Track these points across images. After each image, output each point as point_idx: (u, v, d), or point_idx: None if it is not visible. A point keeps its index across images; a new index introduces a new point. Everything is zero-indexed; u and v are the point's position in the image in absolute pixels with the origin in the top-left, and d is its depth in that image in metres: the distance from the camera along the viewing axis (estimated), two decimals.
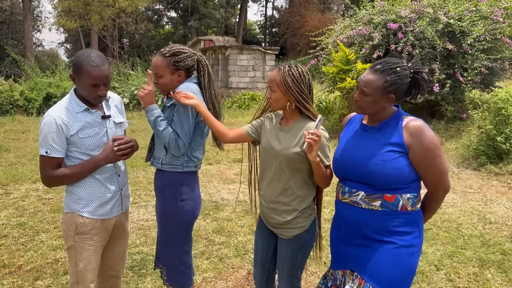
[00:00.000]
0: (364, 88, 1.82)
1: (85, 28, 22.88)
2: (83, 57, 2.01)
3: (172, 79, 2.22)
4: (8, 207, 5.03)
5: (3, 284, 3.20)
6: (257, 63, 17.25)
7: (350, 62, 9.62)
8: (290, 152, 2.03)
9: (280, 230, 2.15)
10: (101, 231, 2.20)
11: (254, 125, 2.27)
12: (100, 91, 2.05)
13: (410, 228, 1.83)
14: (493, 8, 8.46)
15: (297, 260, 2.17)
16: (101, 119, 2.16)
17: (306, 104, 2.06)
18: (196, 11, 30.18)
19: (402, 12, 9.24)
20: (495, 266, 3.46)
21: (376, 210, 1.83)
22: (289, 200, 2.08)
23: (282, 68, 2.05)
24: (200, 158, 2.36)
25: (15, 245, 3.92)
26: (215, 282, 3.22)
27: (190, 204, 2.29)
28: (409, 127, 1.80)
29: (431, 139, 1.78)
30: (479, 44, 8.19)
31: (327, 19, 28.12)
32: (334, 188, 5.65)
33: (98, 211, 2.17)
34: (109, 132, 2.19)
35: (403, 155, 1.79)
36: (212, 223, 4.44)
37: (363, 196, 1.85)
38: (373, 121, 1.94)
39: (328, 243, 3.86)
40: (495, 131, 6.58)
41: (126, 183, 2.36)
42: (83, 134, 2.08)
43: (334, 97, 11.11)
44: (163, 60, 2.20)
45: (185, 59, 2.21)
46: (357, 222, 1.89)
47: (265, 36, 40.54)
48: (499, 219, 4.55)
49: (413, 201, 1.83)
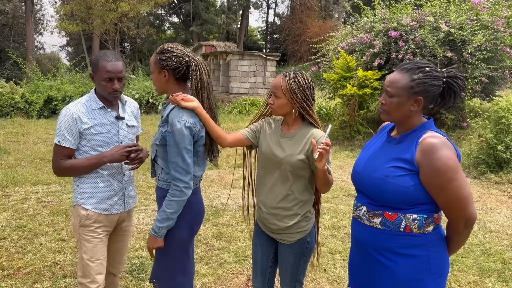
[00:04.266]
0: (388, 88, 1.66)
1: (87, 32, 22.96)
2: (100, 55, 2.22)
3: (159, 78, 2.13)
4: (8, 209, 5.01)
5: (1, 286, 3.18)
6: (258, 69, 17.29)
7: (351, 69, 9.66)
8: (295, 159, 2.02)
9: (281, 235, 2.14)
10: (104, 225, 2.31)
11: (252, 129, 2.25)
12: (115, 85, 2.18)
13: (415, 252, 1.62)
14: (494, 18, 8.51)
15: (300, 265, 2.17)
16: (115, 119, 2.29)
17: (309, 111, 2.07)
18: (197, 16, 30.31)
19: (404, 20, 9.30)
20: (496, 275, 3.45)
21: (377, 228, 1.68)
22: (291, 205, 2.07)
23: (288, 75, 2.04)
24: (198, 175, 2.22)
25: (14, 248, 3.91)
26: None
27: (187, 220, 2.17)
28: (423, 143, 1.59)
29: (445, 160, 1.54)
30: (479, 53, 8.23)
31: (328, 26, 28.27)
32: (334, 195, 5.67)
33: (100, 205, 2.27)
34: (121, 132, 2.32)
35: (411, 173, 1.60)
36: (211, 228, 4.43)
37: (365, 211, 1.73)
38: (398, 132, 1.75)
39: (327, 249, 3.87)
40: (496, 140, 6.58)
41: (131, 184, 2.44)
42: (96, 130, 2.22)
43: (334, 104, 11.13)
44: (154, 56, 2.15)
45: (170, 59, 2.08)
46: (360, 238, 1.78)
47: (266, 42, 40.69)
48: (500, 228, 4.54)
49: (421, 223, 1.62)
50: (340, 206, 5.23)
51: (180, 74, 2.12)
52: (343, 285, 3.24)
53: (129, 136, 2.38)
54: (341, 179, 6.71)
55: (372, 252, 1.71)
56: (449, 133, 8.99)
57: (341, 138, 9.85)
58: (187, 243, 2.22)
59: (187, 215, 2.15)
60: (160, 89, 2.19)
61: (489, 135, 6.69)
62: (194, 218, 2.21)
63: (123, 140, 2.33)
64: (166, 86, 2.15)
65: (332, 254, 3.79)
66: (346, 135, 9.82)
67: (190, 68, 2.10)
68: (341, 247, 3.93)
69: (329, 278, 3.35)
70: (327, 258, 3.71)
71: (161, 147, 2.12)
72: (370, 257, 1.72)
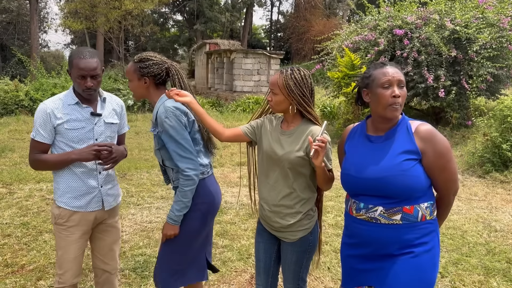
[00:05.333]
0: (402, 78, 1.74)
1: (91, 30, 22.99)
2: (74, 51, 2.25)
3: (139, 85, 2.23)
4: (12, 206, 5.03)
5: (5, 283, 3.19)
6: (262, 67, 17.27)
7: (356, 67, 9.62)
8: (294, 156, 2.02)
9: (284, 233, 2.13)
10: (78, 223, 2.30)
11: (252, 125, 2.24)
12: (87, 83, 2.18)
13: (429, 238, 1.75)
14: (500, 16, 8.45)
15: (303, 263, 2.16)
16: (90, 115, 2.28)
17: (308, 108, 2.06)
18: (202, 14, 30.30)
19: (408, 18, 9.25)
20: (501, 274, 3.43)
21: (397, 224, 1.72)
22: (293, 203, 2.07)
23: (285, 72, 2.05)
24: (205, 163, 2.28)
25: (18, 245, 3.92)
26: (218, 286, 3.21)
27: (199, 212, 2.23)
28: (420, 132, 1.73)
29: (443, 142, 1.72)
30: (485, 52, 8.18)
31: (333, 24, 28.14)
32: (338, 193, 5.65)
33: (73, 203, 2.28)
34: (96, 129, 2.30)
35: (418, 162, 1.72)
36: (215, 226, 4.41)
37: (382, 211, 1.74)
38: (379, 129, 1.83)
39: (331, 247, 3.85)
40: (501, 138, 6.54)
41: (110, 182, 2.41)
42: (69, 125, 2.23)
43: (339, 102, 11.10)
44: (132, 65, 2.23)
45: (151, 66, 2.20)
46: (377, 239, 1.77)
47: (270, 40, 40.62)
48: (505, 227, 4.51)
49: (431, 209, 1.76)
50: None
51: (161, 80, 2.24)
52: None
53: (107, 134, 2.35)
54: None
55: (391, 249, 1.75)
56: (453, 131, 8.94)
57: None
58: (198, 233, 2.27)
59: (200, 205, 2.23)
60: (139, 95, 2.28)
61: (494, 134, 6.65)
62: (207, 208, 2.27)
63: (99, 138, 2.30)
64: (146, 92, 2.25)
65: (336, 252, 3.78)
66: None
67: (171, 73, 2.26)
68: None
69: (332, 277, 3.34)
70: (331, 256, 3.69)
71: (163, 150, 2.21)
72: (388, 253, 1.75)
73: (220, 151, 8.39)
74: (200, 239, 2.29)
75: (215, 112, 15.03)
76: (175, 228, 2.19)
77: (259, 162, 2.22)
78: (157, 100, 2.24)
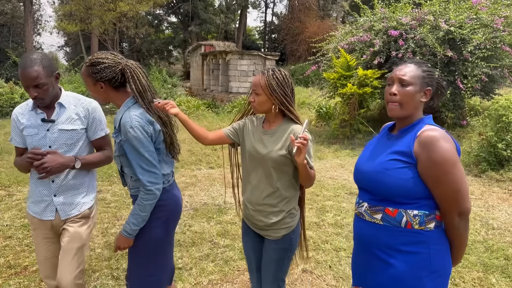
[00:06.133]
0: (405, 77, 1.66)
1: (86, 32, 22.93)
2: (20, 62, 2.20)
3: (96, 90, 2.09)
4: (11, 208, 5.02)
5: (9, 284, 3.20)
6: (257, 68, 17.32)
7: (351, 68, 9.69)
8: (276, 155, 2.05)
9: (267, 231, 2.16)
10: (38, 227, 2.34)
11: (234, 127, 2.26)
12: (31, 93, 2.13)
13: (416, 248, 1.62)
14: (493, 17, 8.56)
15: (284, 261, 2.19)
16: (41, 121, 2.23)
17: (289, 107, 2.09)
18: (196, 16, 30.31)
19: (403, 19, 9.34)
20: (499, 271, 3.48)
21: (378, 224, 1.68)
22: (276, 201, 2.10)
23: (266, 72, 2.07)
24: (168, 172, 2.19)
25: (19, 246, 3.92)
26: (221, 285, 3.23)
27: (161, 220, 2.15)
28: (422, 136, 1.61)
29: (443, 152, 1.55)
30: (479, 52, 8.27)
31: (327, 25, 28.29)
32: (336, 193, 5.70)
33: (32, 208, 2.33)
34: (49, 136, 2.23)
35: (409, 166, 1.61)
36: (216, 226, 4.45)
37: (366, 207, 1.74)
38: (397, 128, 1.79)
39: (332, 246, 3.89)
40: (496, 138, 6.62)
41: (67, 191, 2.30)
42: (26, 132, 2.24)
43: (335, 103, 11.15)
44: (85, 69, 2.08)
45: (103, 71, 2.02)
46: (362, 235, 1.77)
47: (264, 41, 40.70)
48: (502, 225, 4.58)
49: (422, 219, 1.61)
50: (343, 204, 5.26)
51: (117, 83, 2.08)
52: (349, 282, 3.26)
53: (62, 141, 2.25)
54: (342, 178, 6.74)
55: (373, 249, 1.71)
56: (449, 131, 8.98)
57: (341, 137, 9.88)
58: (163, 240, 2.19)
59: (161, 213, 2.13)
60: (102, 99, 2.16)
61: (490, 133, 6.73)
62: (169, 215, 2.18)
63: (53, 145, 2.23)
64: (106, 96, 2.12)
65: (337, 251, 3.82)
66: (347, 133, 9.86)
67: (126, 75, 2.06)
68: (345, 245, 3.95)
69: (334, 275, 3.38)
70: (332, 255, 3.73)
71: (123, 157, 2.09)
72: (371, 254, 1.72)
73: (217, 152, 8.42)
74: (165, 245, 2.23)
75: (211, 113, 15.03)
76: (129, 241, 2.09)
77: (243, 162, 2.24)
78: (121, 103, 2.11)
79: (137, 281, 2.18)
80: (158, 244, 2.17)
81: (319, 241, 4.05)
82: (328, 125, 11.18)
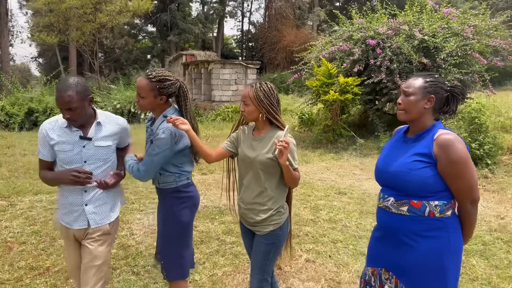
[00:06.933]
0: (406, 89, 2.00)
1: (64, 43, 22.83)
2: (58, 84, 2.36)
3: (154, 102, 2.42)
4: (18, 217, 5.18)
5: (37, 284, 3.43)
6: (239, 77, 17.71)
7: (332, 76, 10.16)
8: (264, 158, 2.30)
9: (257, 227, 2.41)
10: (66, 237, 2.53)
11: (231, 140, 2.53)
12: (64, 115, 2.30)
13: (438, 233, 1.93)
14: (463, 26, 9.19)
15: (269, 254, 2.41)
16: (79, 138, 2.38)
17: (275, 115, 2.35)
18: (175, 26, 30.55)
19: (380, 29, 9.88)
20: (478, 254, 3.94)
21: (404, 215, 1.97)
22: (265, 200, 2.35)
23: (255, 85, 2.34)
24: (189, 170, 2.61)
25: (36, 251, 4.12)
26: (234, 275, 3.55)
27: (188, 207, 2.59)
28: (439, 139, 1.91)
29: (459, 152, 1.87)
30: (451, 59, 8.87)
31: (304, 34, 29.03)
32: (326, 193, 6.08)
33: (63, 218, 2.48)
34: (85, 152, 2.39)
35: (430, 165, 1.91)
36: (220, 225, 4.76)
37: (393, 201, 2.02)
38: (412, 131, 2.09)
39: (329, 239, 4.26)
40: (470, 138, 7.17)
41: (96, 201, 2.46)
42: (59, 147, 2.37)
43: (317, 109, 11.61)
44: (148, 84, 2.37)
45: (169, 87, 2.39)
46: (389, 225, 2.06)
47: (242, 50, 41.18)
48: (478, 216, 5.04)
49: (442, 208, 1.93)
50: (334, 203, 5.65)
51: (173, 96, 2.49)
52: (348, 268, 3.64)
53: (97, 157, 2.41)
54: (330, 179, 7.16)
55: (400, 236, 2.00)
56: None
57: (325, 142, 10.32)
58: (189, 225, 2.61)
59: (187, 203, 2.58)
60: (150, 109, 2.49)
61: (464, 134, 7.27)
62: (192, 204, 2.62)
63: (88, 160, 2.39)
64: (158, 107, 2.47)
65: (334, 243, 4.20)
66: (330, 138, 10.31)
67: (181, 90, 2.49)
68: (341, 237, 4.34)
69: (335, 263, 3.75)
70: (330, 246, 4.11)
71: None
72: (397, 240, 2.02)
73: None
74: (191, 229, 2.65)
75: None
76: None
77: (238, 167, 2.53)
78: (161, 112, 2.48)
79: (171, 262, 2.59)
80: (186, 228, 2.60)
81: (317, 235, 4.42)
82: (311, 131, 11.61)
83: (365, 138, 10.24)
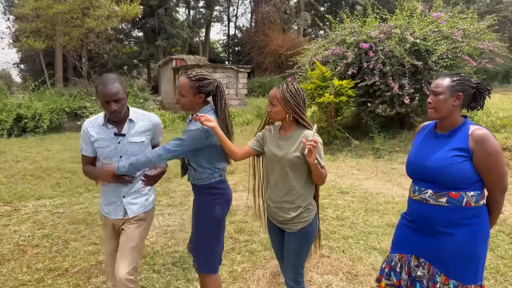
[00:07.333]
0: (435, 89, 2.14)
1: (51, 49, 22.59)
2: (99, 80, 2.53)
3: (193, 100, 2.55)
4: (25, 221, 5.18)
5: (59, 284, 3.47)
6: (230, 81, 17.81)
7: (327, 79, 10.34)
8: (291, 156, 2.35)
9: (287, 225, 2.47)
10: (105, 225, 2.74)
11: (257, 139, 2.59)
12: (112, 107, 2.45)
13: (473, 221, 2.08)
14: (453, 30, 9.47)
15: (302, 250, 2.48)
16: (113, 135, 2.57)
17: (302, 115, 2.41)
18: (163, 30, 30.52)
19: (372, 33, 10.10)
20: None
21: (443, 206, 2.10)
22: (294, 198, 2.40)
23: (281, 86, 2.40)
24: (222, 167, 2.69)
25: (50, 253, 4.14)
26: (253, 271, 3.65)
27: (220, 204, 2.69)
28: (474, 134, 2.06)
29: (494, 146, 2.03)
30: (442, 61, 9.11)
31: (291, 38, 29.31)
32: (329, 192, 6.21)
33: (104, 209, 2.71)
34: (120, 148, 2.58)
35: (467, 159, 2.05)
36: (231, 225, 4.84)
37: (431, 193, 2.14)
38: (443, 128, 2.21)
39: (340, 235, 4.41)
40: None
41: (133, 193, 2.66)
42: (98, 144, 2.58)
43: (312, 112, 11.78)
44: (188, 82, 2.52)
45: (208, 85, 2.53)
46: (426, 216, 2.17)
47: (228, 54, 41.30)
48: None
49: (477, 198, 2.08)
50: (338, 201, 5.79)
51: (211, 95, 2.62)
52: (362, 261, 3.77)
53: (131, 152, 2.59)
54: (330, 179, 7.30)
55: (437, 225, 2.14)
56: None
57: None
58: (222, 221, 2.71)
59: (220, 199, 2.68)
60: (189, 107, 2.61)
61: None
62: (225, 201, 2.72)
63: (123, 155, 2.57)
64: (197, 105, 2.60)
65: (345, 239, 4.33)
66: (325, 140, 10.46)
67: (219, 89, 2.62)
68: (351, 233, 4.48)
69: (349, 257, 3.88)
70: (342, 242, 4.24)
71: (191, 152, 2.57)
72: (435, 230, 2.16)
73: None
74: (223, 225, 2.76)
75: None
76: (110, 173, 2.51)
77: (265, 167, 2.59)
78: (198, 110, 2.60)
79: (204, 256, 2.70)
80: (218, 224, 2.70)
81: (328, 232, 4.54)
82: None
83: (359, 139, 10.44)
